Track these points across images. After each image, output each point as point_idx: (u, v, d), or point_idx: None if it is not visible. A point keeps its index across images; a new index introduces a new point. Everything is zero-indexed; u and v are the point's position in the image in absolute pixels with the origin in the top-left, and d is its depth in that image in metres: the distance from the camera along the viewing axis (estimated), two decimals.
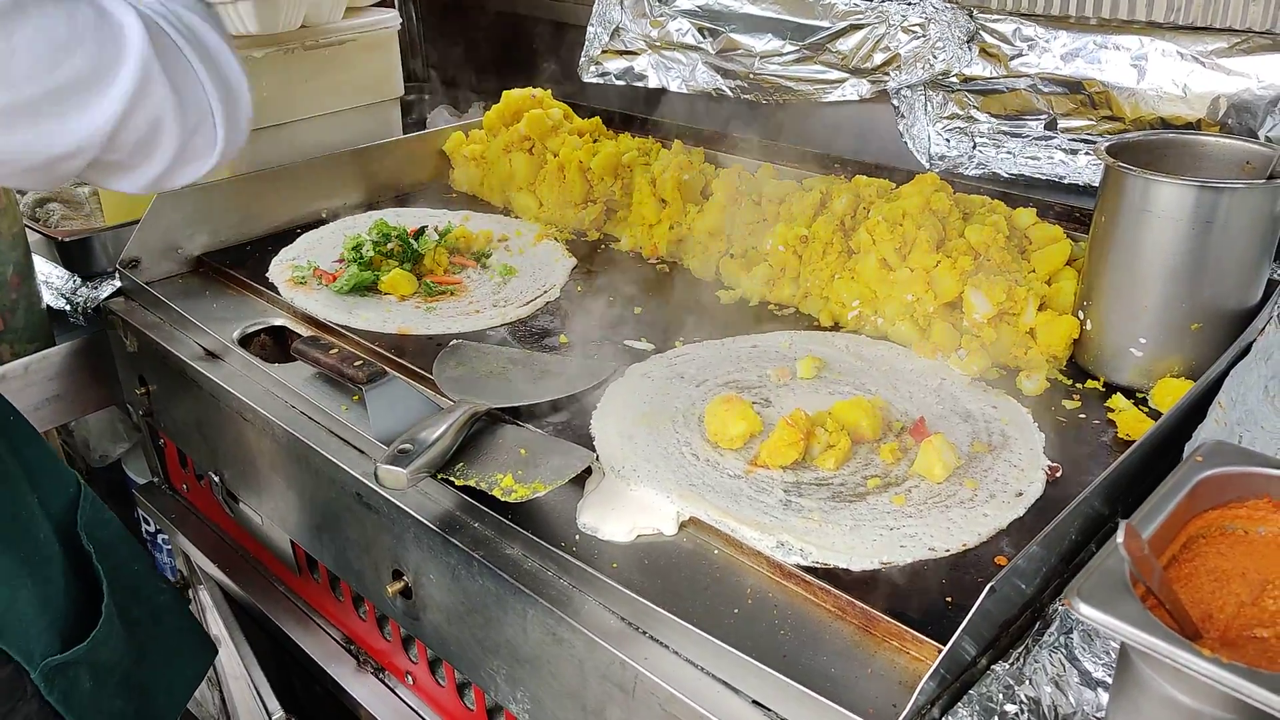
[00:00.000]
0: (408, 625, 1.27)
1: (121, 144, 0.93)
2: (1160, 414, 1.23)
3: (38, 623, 1.11)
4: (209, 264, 1.75)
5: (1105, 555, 0.69)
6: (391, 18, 2.14)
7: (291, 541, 1.50)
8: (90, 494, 1.30)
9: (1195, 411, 1.10)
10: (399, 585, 1.21)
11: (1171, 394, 1.23)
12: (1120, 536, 0.63)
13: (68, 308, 1.73)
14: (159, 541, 2.21)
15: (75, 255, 1.76)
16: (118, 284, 1.72)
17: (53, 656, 1.11)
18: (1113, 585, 0.67)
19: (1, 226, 1.60)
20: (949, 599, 0.96)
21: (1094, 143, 1.56)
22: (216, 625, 1.85)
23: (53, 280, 1.77)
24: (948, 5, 1.69)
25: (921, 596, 0.96)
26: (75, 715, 1.13)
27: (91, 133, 0.89)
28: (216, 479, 1.59)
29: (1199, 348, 1.24)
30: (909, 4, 1.75)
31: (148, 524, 2.22)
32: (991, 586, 0.81)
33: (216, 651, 1.44)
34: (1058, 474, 1.14)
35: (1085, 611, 0.66)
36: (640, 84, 2.15)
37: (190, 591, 1.94)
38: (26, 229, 1.70)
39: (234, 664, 1.82)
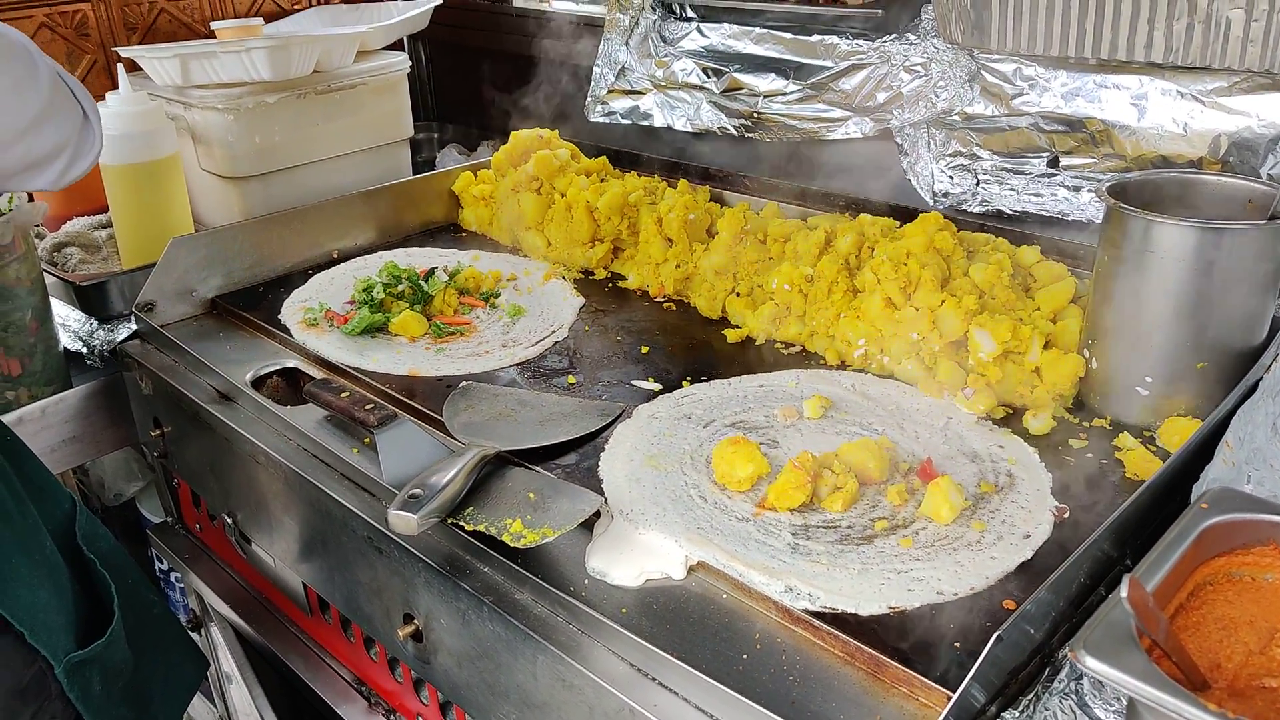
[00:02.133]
0: (418, 668, 1.27)
1: (44, 137, 1.17)
2: (1168, 453, 1.23)
3: (59, 621, 1.19)
4: (222, 306, 1.77)
5: (1110, 606, 0.70)
6: (401, 61, 2.18)
7: (303, 583, 1.51)
8: (85, 510, 1.36)
9: (1203, 451, 1.10)
10: (410, 628, 1.21)
11: (1179, 433, 1.24)
12: (1124, 590, 0.64)
13: (84, 350, 1.75)
14: (172, 580, 2.22)
15: (92, 299, 1.79)
16: (133, 327, 1.74)
17: (74, 653, 1.19)
18: (1118, 637, 0.68)
19: (20, 272, 1.63)
20: (957, 644, 0.96)
21: (1096, 180, 1.57)
22: (228, 663, 1.86)
23: (70, 323, 1.79)
24: (949, 45, 1.71)
25: (930, 641, 0.96)
26: (92, 714, 1.21)
27: (24, 124, 1.14)
28: (229, 520, 1.60)
29: (1205, 386, 1.24)
30: (910, 44, 1.77)
31: (160, 563, 2.23)
32: (999, 635, 0.82)
33: (209, 665, 1.51)
34: (1065, 515, 1.14)
35: (1091, 665, 0.66)
36: (645, 123, 2.18)
37: (202, 630, 1.94)
38: (45, 273, 1.73)
39: (245, 703, 1.82)
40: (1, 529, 1.16)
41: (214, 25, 2.09)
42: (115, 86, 1.85)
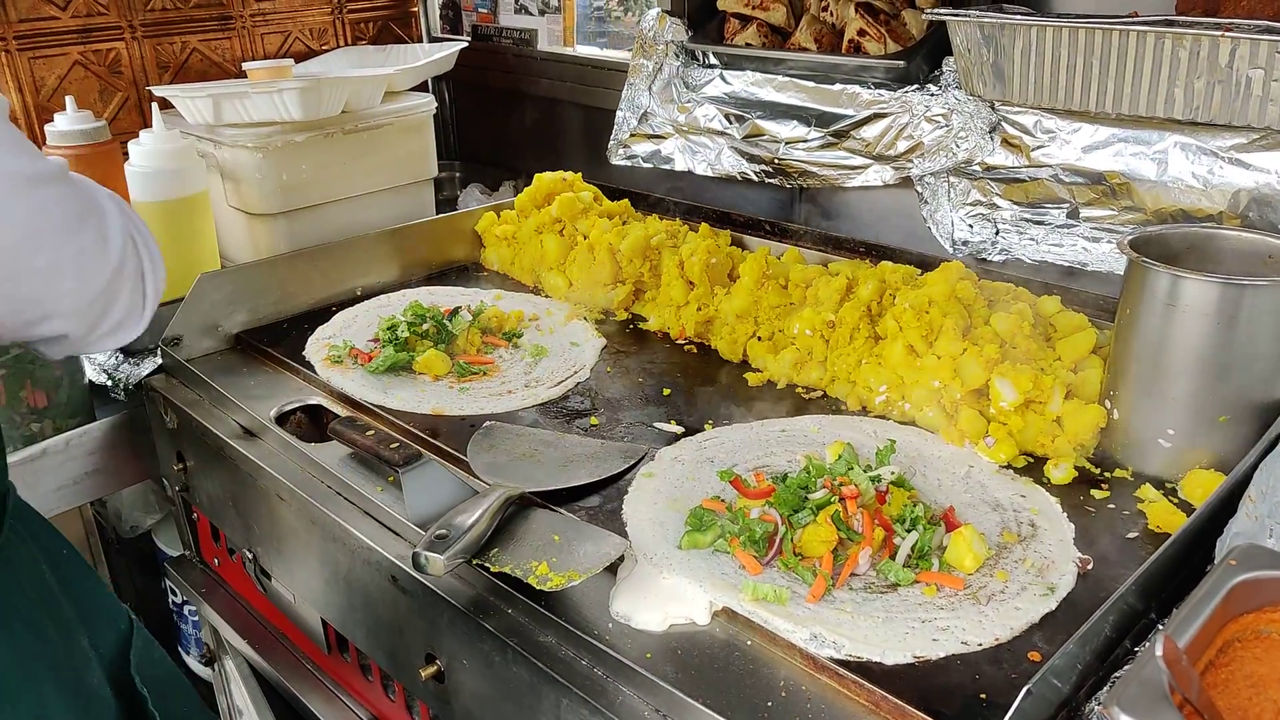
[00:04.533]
0: (439, 709, 1.27)
1: (98, 310, 0.99)
2: (1190, 505, 1.24)
3: None
4: (247, 341, 1.79)
5: (1143, 664, 0.70)
6: (427, 102, 2.21)
7: (322, 619, 1.51)
8: (143, 632, 1.26)
9: (1226, 505, 1.11)
10: (432, 669, 1.21)
11: (1201, 486, 1.24)
12: (1158, 648, 0.64)
13: (109, 383, 1.77)
14: (185, 613, 2.22)
15: None
16: (158, 360, 1.76)
17: None
18: (1151, 695, 0.68)
19: None
20: (983, 695, 0.96)
21: (1116, 232, 1.59)
22: (242, 698, 1.85)
23: (95, 356, 1.81)
24: (970, 97, 1.74)
25: (955, 692, 0.97)
26: None
27: (86, 296, 0.97)
28: (249, 555, 1.61)
29: (1228, 440, 1.25)
30: (932, 95, 1.80)
31: (175, 595, 2.23)
32: (1029, 689, 0.82)
33: None
34: (1089, 566, 1.14)
35: None
36: (667, 167, 2.21)
37: (215, 664, 1.94)
38: None
39: None
40: (40, 668, 1.04)
41: (245, 66, 2.14)
42: (147, 124, 1.89)
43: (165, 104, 2.03)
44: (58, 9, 2.20)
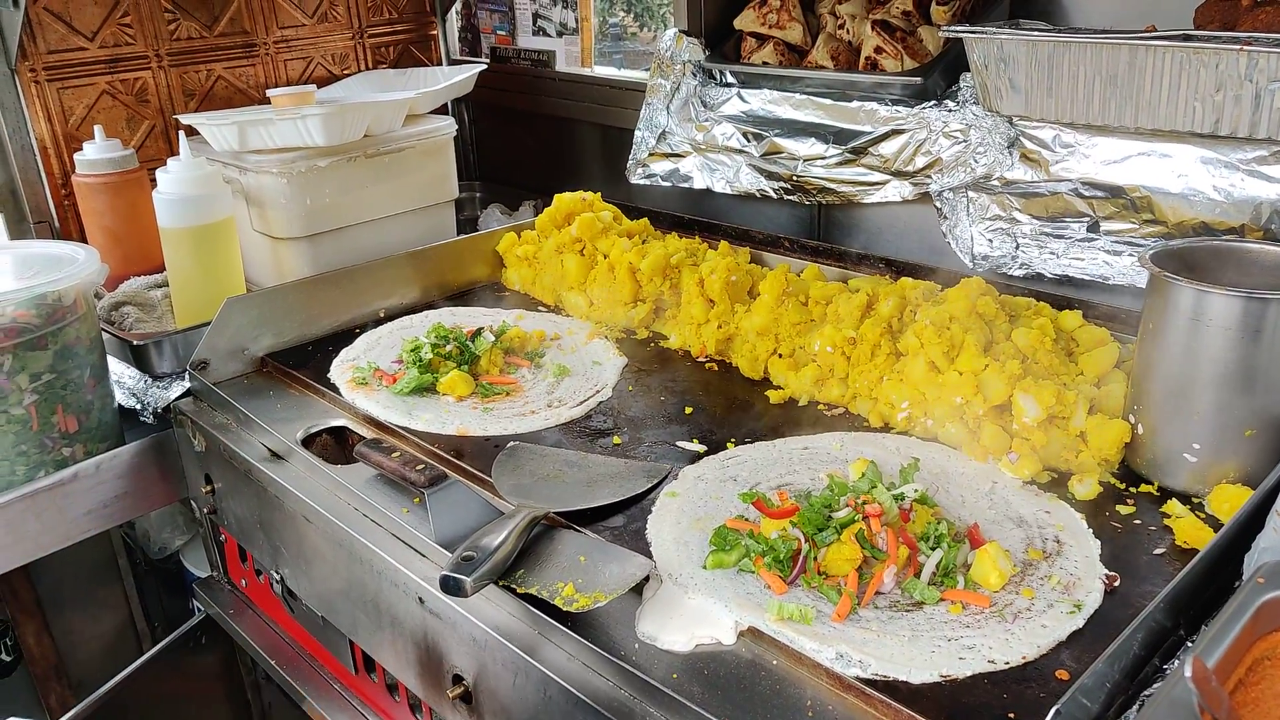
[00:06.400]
0: None
1: None
2: (1217, 520, 1.23)
3: None
4: (273, 364, 1.81)
5: (1172, 683, 0.70)
6: (448, 125, 2.24)
7: (349, 640, 1.53)
8: None
9: (1254, 520, 1.10)
10: (459, 690, 1.22)
11: (1229, 500, 1.23)
12: (1187, 670, 0.64)
13: (138, 406, 1.80)
14: None
15: (147, 357, 1.84)
16: (186, 384, 1.78)
17: None
18: (1181, 715, 0.68)
19: (80, 331, 1.68)
20: (1011, 714, 0.96)
21: (1137, 245, 1.58)
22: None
23: (125, 380, 1.84)
24: (988, 112, 1.74)
25: (983, 711, 0.96)
26: None
27: None
28: (276, 576, 1.63)
29: (1255, 454, 1.24)
30: (949, 111, 1.80)
31: (201, 615, 2.25)
32: (1058, 709, 0.82)
33: None
34: (1115, 583, 1.14)
35: None
36: (686, 185, 2.22)
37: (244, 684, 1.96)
38: (102, 332, 1.78)
39: None
40: None
41: (270, 93, 2.17)
42: (173, 151, 1.92)
43: (191, 131, 2.07)
44: (85, 39, 2.24)
